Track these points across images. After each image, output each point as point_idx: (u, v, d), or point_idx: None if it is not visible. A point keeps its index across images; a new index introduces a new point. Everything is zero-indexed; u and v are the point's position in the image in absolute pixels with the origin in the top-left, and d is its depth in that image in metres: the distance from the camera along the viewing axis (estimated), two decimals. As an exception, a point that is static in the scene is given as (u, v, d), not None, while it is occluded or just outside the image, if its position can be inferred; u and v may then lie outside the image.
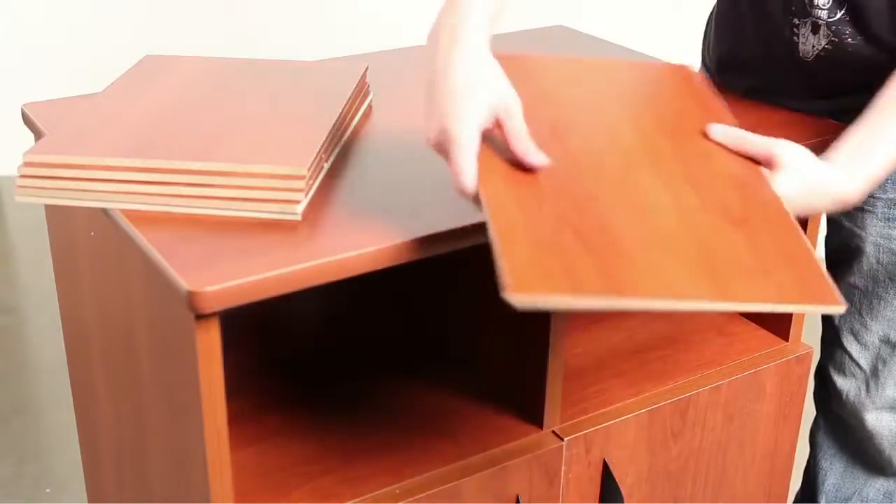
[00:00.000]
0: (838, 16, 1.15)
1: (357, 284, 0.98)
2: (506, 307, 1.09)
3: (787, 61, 1.23)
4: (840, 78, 1.21)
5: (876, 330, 1.31)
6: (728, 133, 1.03)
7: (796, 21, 1.18)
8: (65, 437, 2.11)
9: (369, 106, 1.22)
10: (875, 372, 1.33)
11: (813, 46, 1.18)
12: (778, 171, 1.00)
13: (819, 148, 1.17)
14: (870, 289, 1.29)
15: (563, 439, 1.08)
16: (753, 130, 1.20)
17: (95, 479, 1.31)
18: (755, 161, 1.01)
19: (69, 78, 3.06)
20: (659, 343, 1.26)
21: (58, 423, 2.18)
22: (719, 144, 1.03)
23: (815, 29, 1.17)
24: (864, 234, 1.27)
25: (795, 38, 1.19)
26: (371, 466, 1.04)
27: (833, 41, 1.17)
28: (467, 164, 0.86)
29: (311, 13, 3.32)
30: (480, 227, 0.87)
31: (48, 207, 1.18)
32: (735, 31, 1.31)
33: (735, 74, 1.33)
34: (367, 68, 1.21)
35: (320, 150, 0.99)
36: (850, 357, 1.34)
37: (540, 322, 1.04)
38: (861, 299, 1.30)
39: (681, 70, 1.18)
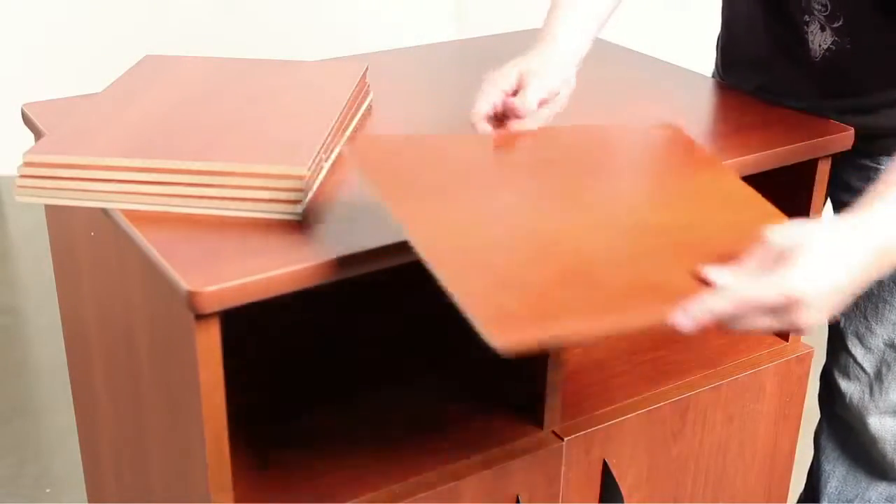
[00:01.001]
0: (835, 24, 1.16)
1: (357, 284, 0.97)
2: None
3: (797, 60, 1.23)
4: (846, 78, 1.21)
5: (881, 334, 1.30)
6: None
7: (807, 18, 1.18)
8: (65, 437, 2.10)
9: (369, 106, 1.21)
10: (879, 376, 1.32)
11: (820, 45, 1.18)
12: (793, 257, 0.77)
13: (819, 148, 1.17)
14: (875, 292, 1.29)
15: (563, 439, 1.08)
16: (757, 129, 1.20)
17: (95, 479, 1.31)
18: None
19: (69, 78, 3.06)
20: (659, 343, 1.25)
21: (58, 423, 2.18)
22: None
23: (822, 27, 1.17)
24: None
25: (806, 35, 1.19)
26: (371, 466, 1.04)
27: (837, 41, 1.17)
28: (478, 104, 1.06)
29: (311, 13, 3.31)
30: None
31: (48, 207, 1.18)
32: (746, 30, 1.31)
33: (744, 73, 1.33)
34: (367, 68, 1.21)
35: (320, 150, 0.99)
36: (855, 360, 1.33)
37: (540, 322, 1.04)
38: (866, 303, 1.30)
39: (668, 130, 1.09)
